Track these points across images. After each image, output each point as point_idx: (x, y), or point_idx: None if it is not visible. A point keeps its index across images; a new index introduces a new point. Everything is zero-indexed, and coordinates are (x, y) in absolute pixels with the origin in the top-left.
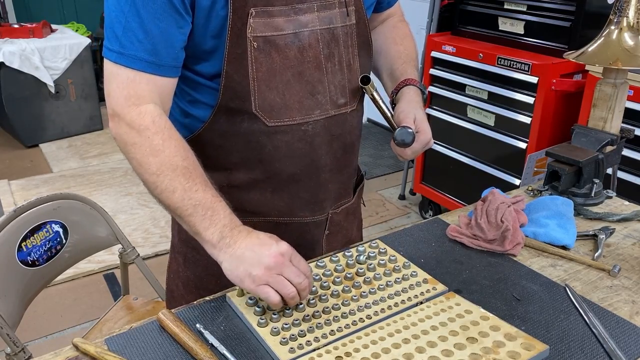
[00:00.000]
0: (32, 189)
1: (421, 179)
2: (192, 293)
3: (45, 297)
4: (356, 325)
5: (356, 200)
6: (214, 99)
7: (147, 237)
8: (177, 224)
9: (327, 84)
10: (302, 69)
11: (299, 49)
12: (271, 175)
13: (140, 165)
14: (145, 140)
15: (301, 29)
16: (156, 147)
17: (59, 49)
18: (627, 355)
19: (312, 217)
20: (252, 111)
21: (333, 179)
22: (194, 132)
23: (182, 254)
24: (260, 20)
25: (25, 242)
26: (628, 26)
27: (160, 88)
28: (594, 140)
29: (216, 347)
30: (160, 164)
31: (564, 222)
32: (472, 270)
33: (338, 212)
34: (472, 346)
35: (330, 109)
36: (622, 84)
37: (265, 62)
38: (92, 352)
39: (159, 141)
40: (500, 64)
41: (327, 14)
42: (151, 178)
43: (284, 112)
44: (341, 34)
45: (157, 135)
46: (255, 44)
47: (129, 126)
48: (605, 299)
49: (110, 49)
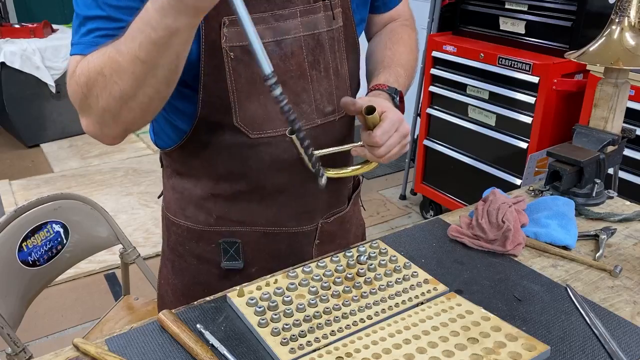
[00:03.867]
0: (33, 188)
1: (422, 179)
2: (179, 301)
3: (46, 297)
4: (357, 325)
5: (352, 207)
6: (193, 108)
7: (148, 237)
8: (167, 229)
9: (313, 92)
10: (284, 78)
11: (280, 58)
12: (257, 186)
13: (105, 91)
14: (77, 78)
15: (283, 37)
16: (85, 69)
17: (60, 48)
18: (629, 355)
19: (300, 228)
20: (234, 124)
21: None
22: (177, 142)
23: (170, 260)
24: (234, 29)
25: (25, 242)
26: (629, 26)
27: None
28: (595, 140)
29: (216, 347)
30: (98, 68)
31: (565, 222)
32: (473, 271)
33: (330, 222)
34: (473, 347)
35: (317, 117)
36: (624, 84)
37: (245, 73)
38: (93, 352)
39: (83, 65)
40: (501, 63)
41: (311, 18)
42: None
43: (267, 123)
44: (327, 39)
45: (83, 63)
46: (232, 54)
47: (72, 92)
48: (606, 300)
49: (72, 43)
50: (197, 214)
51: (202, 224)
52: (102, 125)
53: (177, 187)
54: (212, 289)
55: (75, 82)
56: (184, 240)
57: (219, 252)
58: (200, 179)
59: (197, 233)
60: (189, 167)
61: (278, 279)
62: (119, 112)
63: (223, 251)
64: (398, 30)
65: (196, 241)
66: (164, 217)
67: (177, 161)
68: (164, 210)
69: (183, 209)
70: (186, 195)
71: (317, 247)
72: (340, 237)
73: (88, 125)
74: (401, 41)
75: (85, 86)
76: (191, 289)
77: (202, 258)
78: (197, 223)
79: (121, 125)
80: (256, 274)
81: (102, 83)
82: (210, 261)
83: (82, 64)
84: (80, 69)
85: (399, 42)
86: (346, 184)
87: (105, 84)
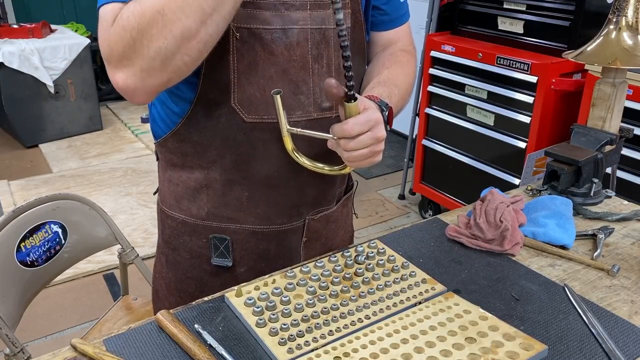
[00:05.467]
0: (32, 189)
1: (421, 179)
2: (173, 295)
3: (44, 298)
4: (355, 325)
5: (340, 209)
6: (193, 92)
7: (146, 237)
8: (162, 222)
9: (313, 85)
10: (287, 66)
11: (285, 46)
12: (247, 175)
13: (159, 34)
14: (124, 22)
15: (290, 26)
16: (140, 14)
17: (59, 49)
18: (626, 355)
19: (290, 224)
20: (231, 104)
21: (311, 183)
22: (172, 128)
23: (164, 254)
24: (244, 10)
25: (24, 243)
26: (627, 26)
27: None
28: (593, 140)
29: (214, 347)
30: (157, 6)
31: (563, 221)
32: (470, 270)
33: (316, 219)
34: (471, 346)
35: (313, 111)
36: (621, 84)
37: (248, 55)
38: (90, 352)
39: (135, 7)
40: (500, 63)
41: (320, 13)
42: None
43: (263, 108)
44: (333, 36)
45: (131, 5)
46: (238, 34)
47: (115, 40)
48: (604, 299)
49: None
50: (190, 207)
51: (194, 217)
52: (148, 73)
53: (172, 179)
54: (203, 284)
55: (122, 27)
56: (178, 234)
57: (210, 247)
58: (194, 169)
59: (191, 226)
60: (183, 156)
61: (276, 278)
62: (173, 54)
63: (213, 247)
64: (397, 54)
65: (189, 235)
66: (159, 211)
67: (171, 150)
68: (160, 204)
69: (178, 201)
70: (180, 187)
71: (305, 245)
72: (326, 236)
73: (127, 77)
74: (399, 64)
75: (137, 28)
76: (184, 283)
77: (195, 252)
78: (191, 216)
79: (168, 74)
80: (245, 274)
81: (162, 22)
82: (202, 256)
83: (131, 6)
84: (128, 12)
85: (397, 64)
86: (334, 183)
87: (165, 22)
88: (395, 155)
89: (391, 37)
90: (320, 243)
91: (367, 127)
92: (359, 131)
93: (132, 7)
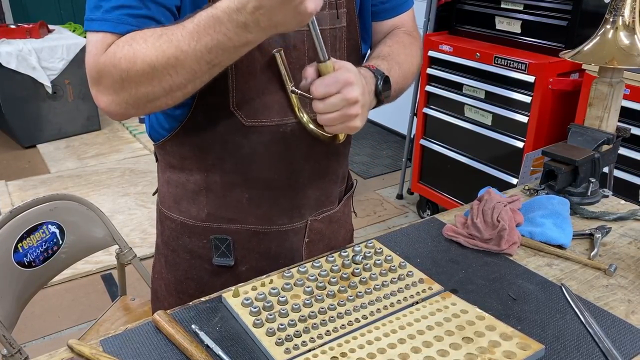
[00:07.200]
0: (30, 189)
1: (419, 179)
2: (172, 296)
3: (42, 298)
4: (352, 325)
5: (342, 208)
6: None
7: (144, 238)
8: (161, 224)
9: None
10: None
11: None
12: (248, 178)
13: (147, 79)
14: (116, 61)
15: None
16: (131, 58)
17: (56, 49)
18: (623, 354)
19: (291, 225)
20: (230, 108)
21: (313, 184)
22: (171, 132)
23: (163, 255)
24: None
25: (21, 243)
26: (624, 25)
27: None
28: (590, 139)
29: (211, 348)
30: (149, 60)
31: (560, 221)
32: (468, 270)
33: (319, 220)
34: (468, 346)
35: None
36: (618, 83)
37: (246, 59)
38: (87, 353)
39: (128, 51)
40: (498, 63)
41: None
42: (162, 71)
43: (262, 111)
44: (329, 37)
45: (124, 47)
46: None
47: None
48: (601, 298)
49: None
50: (190, 209)
51: (194, 219)
52: (132, 106)
53: (171, 181)
54: (203, 284)
55: (113, 64)
56: (177, 235)
57: (211, 248)
58: (193, 172)
59: (190, 228)
60: (182, 159)
61: (273, 279)
62: (158, 99)
63: (214, 247)
64: (399, 34)
65: (189, 236)
66: (159, 212)
67: (170, 153)
68: (159, 205)
69: (177, 203)
70: (180, 189)
71: (307, 245)
72: (329, 237)
73: (111, 104)
74: (401, 43)
75: (126, 72)
76: (184, 284)
77: (195, 253)
78: (190, 218)
79: (151, 110)
80: (246, 273)
81: (151, 74)
82: (203, 257)
83: (123, 48)
84: (121, 54)
85: (399, 44)
86: (335, 184)
87: (154, 75)
88: (394, 155)
89: (394, 23)
90: (324, 244)
91: (335, 89)
92: (324, 92)
93: (125, 49)
